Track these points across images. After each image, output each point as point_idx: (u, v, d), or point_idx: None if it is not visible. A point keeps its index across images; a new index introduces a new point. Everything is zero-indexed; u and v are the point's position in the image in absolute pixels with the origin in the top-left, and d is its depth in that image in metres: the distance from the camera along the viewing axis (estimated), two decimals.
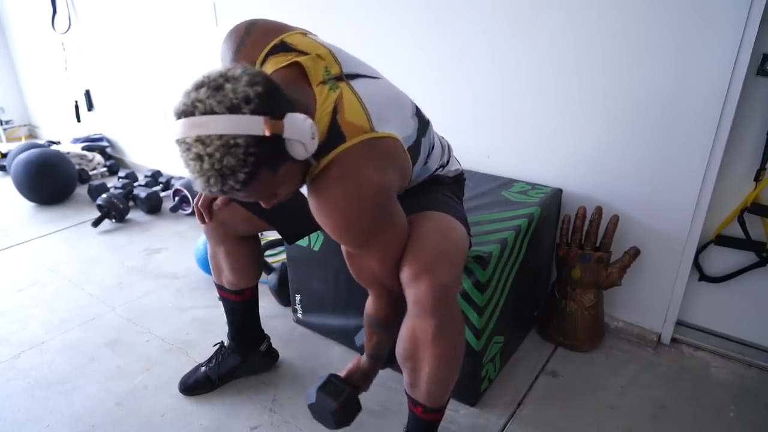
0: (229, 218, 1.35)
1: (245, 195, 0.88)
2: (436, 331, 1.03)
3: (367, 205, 0.96)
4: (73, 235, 2.67)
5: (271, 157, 0.84)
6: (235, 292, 1.50)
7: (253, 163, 0.80)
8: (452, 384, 1.17)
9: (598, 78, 1.59)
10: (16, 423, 1.49)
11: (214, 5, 2.54)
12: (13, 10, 3.96)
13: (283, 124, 0.82)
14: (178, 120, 0.81)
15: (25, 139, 4.35)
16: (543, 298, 1.86)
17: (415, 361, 1.11)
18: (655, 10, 1.44)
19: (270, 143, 0.82)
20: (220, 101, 0.79)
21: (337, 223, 0.98)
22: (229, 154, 0.78)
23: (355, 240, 1.01)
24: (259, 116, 0.80)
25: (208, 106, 0.79)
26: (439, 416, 1.23)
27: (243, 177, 0.81)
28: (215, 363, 1.58)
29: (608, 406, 1.51)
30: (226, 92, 0.79)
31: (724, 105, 1.42)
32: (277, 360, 1.67)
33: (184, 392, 1.57)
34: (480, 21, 1.75)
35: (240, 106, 0.79)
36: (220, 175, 0.80)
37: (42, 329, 1.90)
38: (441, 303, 1.01)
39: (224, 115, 0.78)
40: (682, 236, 1.61)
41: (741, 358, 1.67)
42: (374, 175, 0.96)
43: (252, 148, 0.79)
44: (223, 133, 0.78)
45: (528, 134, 1.79)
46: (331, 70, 1.02)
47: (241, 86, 0.80)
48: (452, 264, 1.05)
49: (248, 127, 0.79)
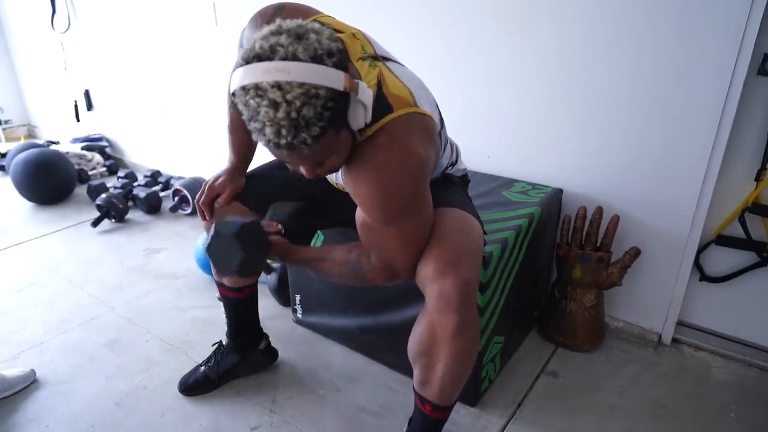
0: (228, 214, 1.35)
1: (307, 153, 0.82)
2: (457, 327, 1.02)
3: (408, 177, 0.95)
4: (72, 235, 2.67)
5: (342, 117, 0.82)
6: (234, 290, 1.50)
7: (328, 118, 0.78)
8: (463, 383, 1.16)
9: (599, 78, 1.59)
10: (16, 423, 1.49)
11: (214, 5, 2.54)
12: (12, 9, 3.95)
13: (358, 83, 0.81)
14: (250, 64, 0.77)
15: (25, 138, 4.35)
16: (543, 298, 1.86)
17: (431, 356, 1.10)
18: (656, 10, 1.44)
19: (344, 101, 0.80)
20: (306, 48, 0.76)
21: (374, 190, 0.95)
22: (308, 103, 0.75)
23: (387, 212, 0.98)
24: (341, 71, 0.78)
25: (290, 51, 0.76)
26: (446, 415, 1.22)
27: (317, 131, 0.77)
28: (214, 362, 1.58)
29: (609, 406, 1.51)
30: (310, 41, 0.77)
31: (725, 104, 1.42)
32: (277, 359, 1.67)
33: (184, 392, 1.56)
34: (480, 21, 1.75)
35: (323, 58, 0.77)
36: (293, 126, 0.76)
37: (42, 329, 1.89)
38: (464, 300, 1.01)
39: (309, 63, 0.75)
40: (683, 236, 1.61)
41: (741, 358, 1.67)
42: (419, 147, 0.95)
43: (330, 102, 0.77)
44: (305, 81, 0.75)
45: (528, 134, 1.79)
46: (367, 49, 1.03)
47: (325, 39, 0.79)
48: (474, 261, 1.06)
49: (330, 79, 0.76)
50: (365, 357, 1.70)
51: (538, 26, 1.64)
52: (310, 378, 1.62)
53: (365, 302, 1.60)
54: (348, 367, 1.67)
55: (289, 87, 0.75)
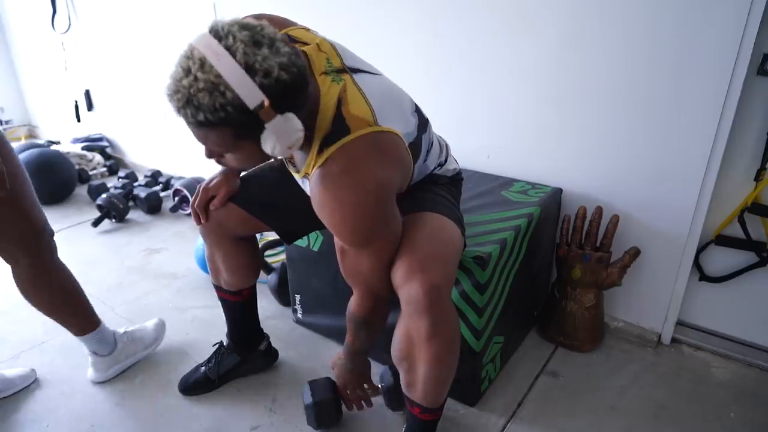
0: (225, 219, 1.35)
1: (193, 131, 0.86)
2: (429, 330, 1.03)
3: (367, 202, 0.95)
4: (73, 235, 2.67)
5: (240, 127, 0.83)
6: (233, 293, 1.50)
7: (222, 118, 0.79)
8: (448, 384, 1.16)
9: (599, 78, 1.59)
10: (16, 423, 1.49)
11: (214, 5, 2.54)
12: (13, 10, 3.96)
13: (275, 116, 0.81)
14: (204, 32, 0.79)
15: (25, 138, 4.35)
16: (543, 298, 1.86)
17: (411, 361, 1.11)
18: (656, 9, 1.44)
19: (249, 118, 0.80)
20: (248, 54, 0.77)
21: (335, 219, 0.97)
22: (211, 93, 0.77)
23: (353, 238, 1.01)
24: (263, 95, 0.78)
25: (235, 45, 0.77)
26: (437, 416, 1.23)
27: (202, 118, 0.79)
28: (215, 363, 1.57)
29: (608, 406, 1.51)
30: (257, 53, 0.78)
31: (725, 104, 1.42)
32: (277, 359, 1.67)
33: (184, 392, 1.57)
34: (480, 20, 1.75)
35: (256, 72, 0.78)
36: (186, 98, 0.78)
37: (42, 329, 1.89)
38: (434, 302, 1.01)
39: (238, 66, 0.77)
40: (683, 236, 1.61)
41: (741, 358, 1.67)
42: (377, 171, 0.95)
43: (231, 108, 0.78)
44: (223, 75, 0.76)
45: (528, 134, 1.79)
46: (333, 61, 1.02)
47: (274, 61, 0.79)
48: (444, 264, 1.06)
49: (246, 92, 0.77)
50: None
51: (538, 27, 1.64)
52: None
53: None
54: None
55: (209, 69, 0.76)
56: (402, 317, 1.08)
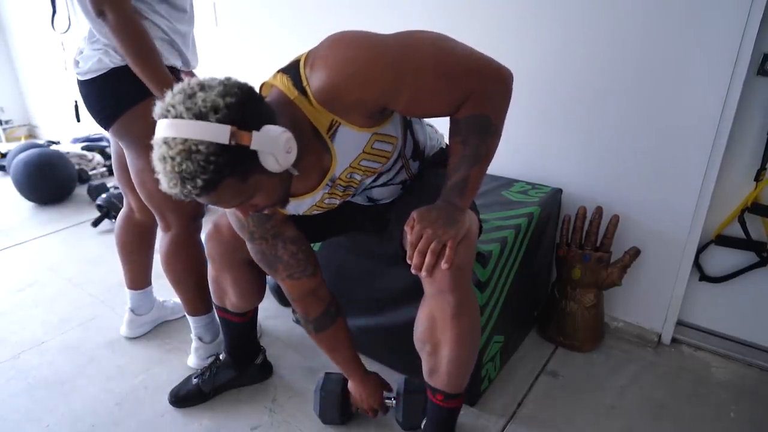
0: (240, 244, 1.29)
1: (210, 200, 0.87)
2: (455, 309, 1.05)
3: (361, 45, 0.93)
4: (73, 235, 2.67)
5: (236, 167, 0.83)
6: (239, 315, 1.48)
7: (213, 170, 0.80)
8: (470, 367, 1.17)
9: (599, 78, 1.59)
10: (16, 423, 1.49)
11: (214, 5, 2.54)
12: (13, 10, 3.96)
13: (251, 135, 0.82)
14: (160, 120, 0.83)
15: (25, 138, 4.35)
16: (543, 298, 1.86)
17: (434, 342, 1.12)
18: (655, 10, 1.44)
19: (235, 152, 0.82)
20: (189, 108, 0.80)
21: (362, 82, 0.92)
22: (189, 159, 0.79)
23: (398, 75, 0.93)
24: (226, 125, 0.80)
25: (178, 111, 0.80)
26: (459, 403, 1.23)
27: (201, 183, 0.81)
28: (209, 376, 1.55)
29: (608, 406, 1.51)
30: (196, 99, 0.80)
31: (725, 105, 1.42)
32: (272, 374, 1.65)
33: (175, 404, 1.53)
34: (480, 20, 1.75)
35: (207, 114, 0.80)
36: (179, 178, 0.81)
37: (42, 329, 1.89)
38: (458, 281, 1.03)
39: (190, 120, 0.79)
40: (683, 236, 1.61)
41: (741, 358, 1.67)
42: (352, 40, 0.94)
43: (213, 156, 0.79)
44: (187, 137, 0.79)
45: (528, 134, 1.79)
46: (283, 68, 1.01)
47: (213, 95, 0.81)
48: (466, 246, 1.07)
49: (212, 134, 0.79)
50: (365, 357, 1.69)
51: (538, 26, 1.64)
52: (310, 378, 1.62)
53: (365, 303, 1.60)
54: None
55: (174, 143, 0.79)
56: (425, 300, 1.10)
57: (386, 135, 1.04)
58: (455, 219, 1.02)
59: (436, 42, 0.97)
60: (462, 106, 1.00)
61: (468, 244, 1.08)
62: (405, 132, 1.11)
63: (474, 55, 1.00)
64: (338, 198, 1.14)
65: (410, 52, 0.94)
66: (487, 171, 1.06)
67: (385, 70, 0.92)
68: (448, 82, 0.97)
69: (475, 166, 1.02)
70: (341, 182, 1.08)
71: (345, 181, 1.09)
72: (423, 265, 1.01)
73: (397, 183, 1.21)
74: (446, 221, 1.01)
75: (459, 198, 1.03)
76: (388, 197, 1.26)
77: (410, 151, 1.17)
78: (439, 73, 0.96)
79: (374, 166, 1.08)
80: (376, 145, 1.04)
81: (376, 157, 1.06)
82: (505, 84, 1.05)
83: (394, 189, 1.23)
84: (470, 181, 1.02)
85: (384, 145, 1.05)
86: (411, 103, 0.96)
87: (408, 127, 1.12)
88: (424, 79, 0.94)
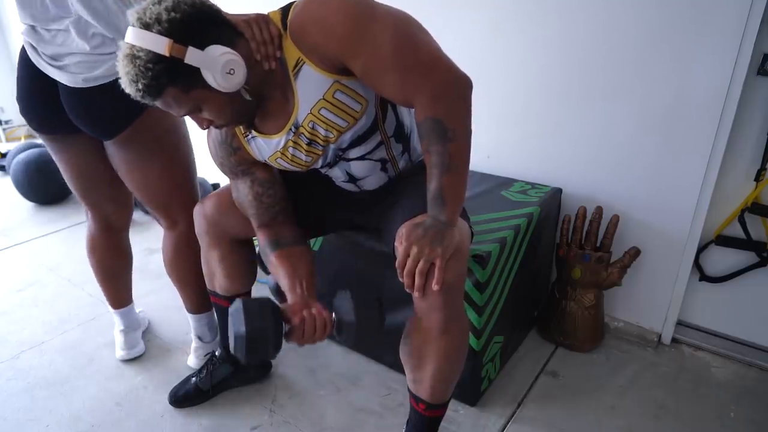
0: (224, 218, 1.33)
1: (161, 106, 0.95)
2: (442, 326, 1.04)
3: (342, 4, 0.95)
4: (73, 235, 2.67)
5: (176, 77, 0.91)
6: (227, 298, 1.46)
7: (151, 77, 0.88)
8: (455, 381, 1.17)
9: (599, 78, 1.59)
10: (16, 423, 1.49)
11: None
12: (13, 10, 3.95)
13: (185, 49, 0.88)
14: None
15: (25, 139, 4.35)
16: (543, 298, 1.86)
17: (420, 357, 1.12)
18: (656, 10, 1.44)
19: (172, 63, 0.88)
20: (139, 18, 0.89)
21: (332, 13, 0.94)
22: (132, 63, 0.88)
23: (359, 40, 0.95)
24: (164, 37, 0.87)
25: (132, 20, 0.89)
26: (441, 413, 1.23)
27: (142, 87, 0.89)
28: (206, 373, 1.55)
29: (608, 406, 1.51)
30: (146, 11, 0.89)
31: (725, 105, 1.42)
32: (271, 369, 1.65)
33: (174, 404, 1.53)
34: (479, 20, 1.75)
35: (151, 26, 0.87)
36: (128, 80, 0.90)
37: (42, 329, 1.89)
38: (447, 301, 1.02)
39: (137, 29, 0.88)
40: (683, 236, 1.61)
41: (741, 358, 1.67)
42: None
43: (150, 64, 0.88)
44: (133, 44, 0.88)
45: (528, 134, 1.79)
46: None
47: (160, 9, 0.88)
48: (456, 260, 1.04)
49: (150, 43, 0.87)
50: (365, 357, 1.70)
51: (538, 25, 1.64)
52: (310, 378, 1.63)
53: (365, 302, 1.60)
54: (348, 367, 1.67)
55: (125, 47, 0.90)
56: (415, 312, 1.09)
57: (352, 90, 1.02)
58: (443, 235, 0.96)
59: (407, 28, 1.01)
60: (416, 104, 0.97)
61: (458, 258, 1.02)
62: (383, 102, 1.08)
63: (434, 54, 1.01)
64: (303, 152, 1.11)
65: (376, 27, 0.95)
66: (465, 179, 1.00)
67: (347, 29, 0.94)
68: (402, 69, 0.96)
69: (444, 175, 0.95)
70: (304, 131, 1.06)
71: (309, 132, 1.06)
72: (413, 285, 0.98)
73: (376, 160, 1.17)
74: (433, 238, 0.95)
75: (441, 212, 0.96)
76: (370, 177, 1.21)
77: (392, 128, 1.13)
78: (396, 56, 0.95)
79: (339, 122, 1.05)
80: (338, 96, 1.01)
81: (339, 111, 1.03)
82: (458, 88, 0.99)
83: (373, 167, 1.18)
84: (444, 191, 0.95)
85: (349, 100, 1.02)
86: (364, 73, 0.97)
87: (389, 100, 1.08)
88: (379, 54, 0.94)
